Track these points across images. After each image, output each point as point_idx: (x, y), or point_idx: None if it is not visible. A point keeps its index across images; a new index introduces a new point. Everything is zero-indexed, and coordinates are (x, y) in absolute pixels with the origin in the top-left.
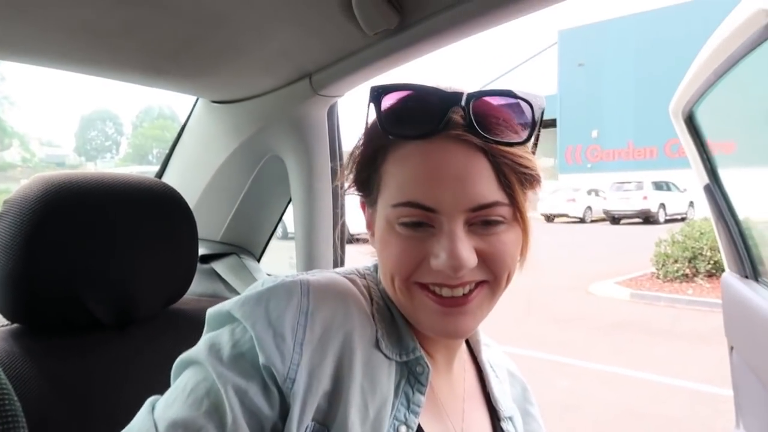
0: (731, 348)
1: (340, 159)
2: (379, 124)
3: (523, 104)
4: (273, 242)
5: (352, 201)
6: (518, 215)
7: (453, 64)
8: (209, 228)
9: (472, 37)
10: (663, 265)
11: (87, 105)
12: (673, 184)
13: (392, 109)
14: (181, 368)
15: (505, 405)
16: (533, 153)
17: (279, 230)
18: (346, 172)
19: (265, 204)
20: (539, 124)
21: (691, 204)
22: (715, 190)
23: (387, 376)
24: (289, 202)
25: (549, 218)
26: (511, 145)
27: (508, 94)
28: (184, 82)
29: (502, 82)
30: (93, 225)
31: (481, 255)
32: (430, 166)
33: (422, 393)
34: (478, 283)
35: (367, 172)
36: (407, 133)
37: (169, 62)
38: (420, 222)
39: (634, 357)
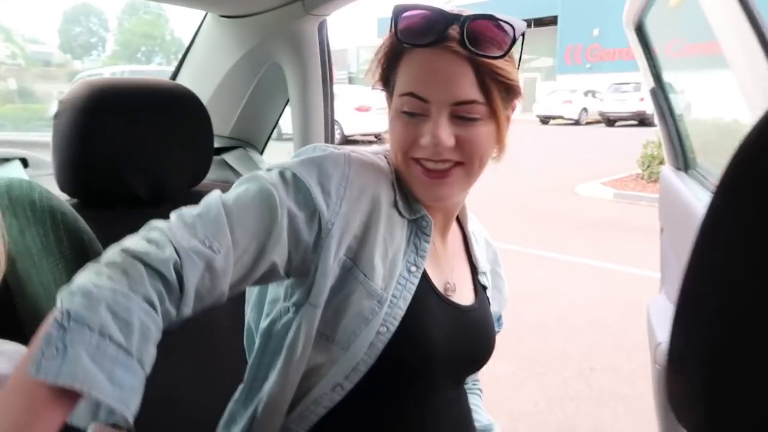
0: (661, 230)
1: (330, 67)
2: (395, 34)
3: (506, 26)
4: (271, 144)
5: (342, 104)
6: (493, 113)
7: None
8: (220, 124)
9: None
10: (648, 166)
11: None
12: (671, 85)
13: (406, 23)
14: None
15: (482, 262)
16: (517, 68)
17: (275, 133)
18: (371, 73)
19: (266, 104)
20: (516, 43)
21: (688, 106)
22: (659, 93)
23: (401, 231)
24: (286, 103)
25: (544, 120)
26: (491, 57)
27: (495, 18)
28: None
29: None
30: (130, 120)
31: (458, 141)
32: (427, 67)
33: (427, 242)
34: (456, 164)
35: (388, 72)
36: (415, 41)
37: None
38: (416, 112)
39: (609, 251)
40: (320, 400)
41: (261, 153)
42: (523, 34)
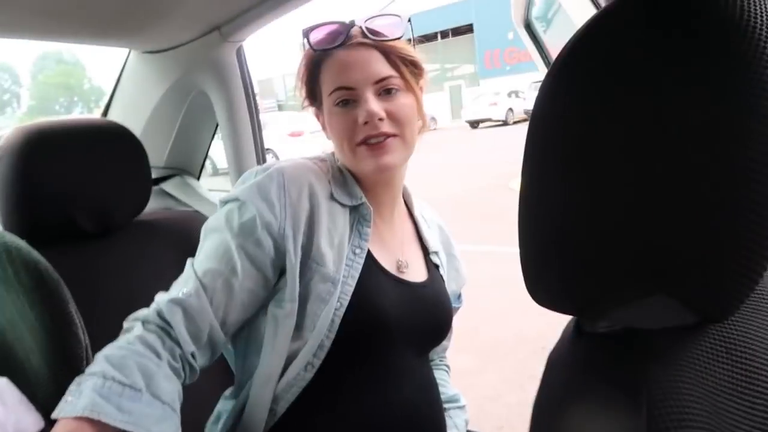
0: None
1: (252, 90)
2: (311, 48)
3: (394, 18)
4: (207, 179)
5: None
6: (407, 85)
7: None
8: (155, 155)
9: None
10: None
11: None
12: None
13: (317, 36)
14: (207, 233)
15: (432, 243)
16: (414, 48)
17: (209, 167)
18: (299, 93)
19: (197, 131)
20: (406, 29)
21: None
22: None
23: (343, 219)
24: (216, 128)
25: (474, 124)
26: (391, 40)
27: (384, 14)
28: (120, 38)
29: None
30: (69, 159)
31: (388, 114)
32: (346, 61)
33: (369, 227)
34: (390, 136)
35: (312, 85)
36: (330, 46)
37: (106, 25)
38: (347, 100)
39: None
40: (295, 381)
41: (198, 178)
42: (409, 20)
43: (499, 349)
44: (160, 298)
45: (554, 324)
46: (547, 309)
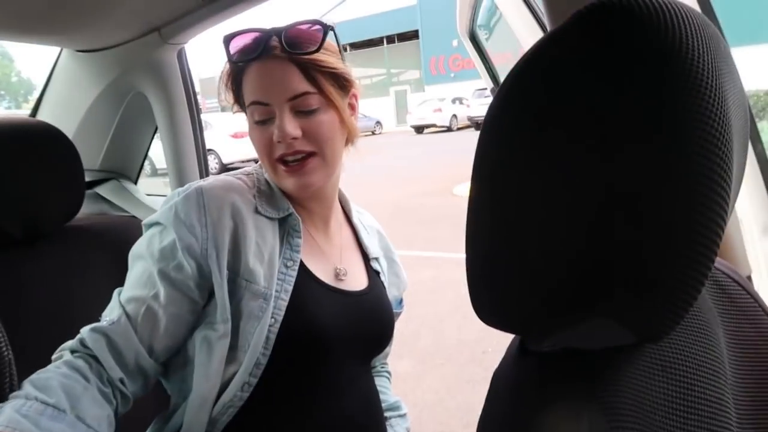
0: None
1: (194, 93)
2: (228, 58)
3: (315, 27)
4: (146, 180)
5: (217, 132)
6: (328, 100)
7: None
8: (88, 157)
9: None
10: None
11: None
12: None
13: (236, 46)
14: (133, 260)
15: (372, 249)
16: (341, 60)
17: (148, 168)
18: (224, 96)
19: (135, 134)
20: (327, 37)
21: None
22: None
23: (272, 232)
24: (155, 131)
25: (419, 130)
26: (308, 53)
27: (305, 22)
28: (50, 36)
29: None
30: None
31: (305, 132)
32: (261, 76)
33: (299, 238)
34: (309, 154)
35: (237, 92)
36: (245, 58)
37: (35, 21)
38: (265, 119)
39: None
40: (231, 402)
41: (135, 182)
42: (333, 29)
43: (438, 355)
44: (85, 329)
45: (493, 330)
46: (492, 327)
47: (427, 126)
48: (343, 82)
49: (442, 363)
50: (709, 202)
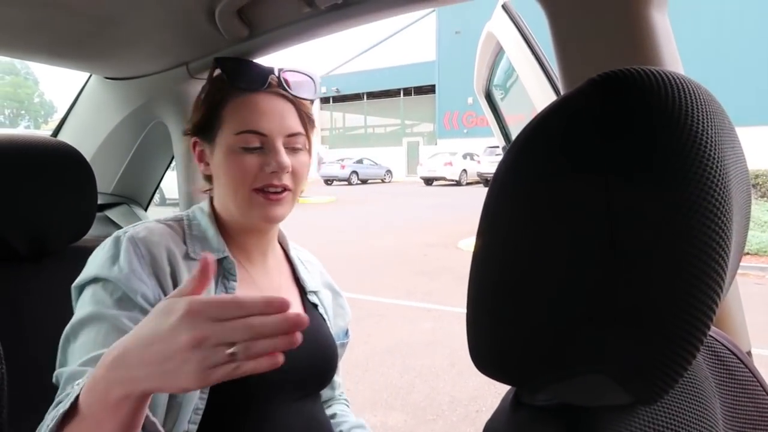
0: None
1: None
2: (229, 81)
3: (308, 77)
4: (154, 208)
5: None
6: (309, 144)
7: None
8: (102, 181)
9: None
10: None
11: None
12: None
13: (241, 72)
14: (77, 328)
15: (310, 283)
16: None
17: (157, 197)
18: (191, 118)
19: (150, 161)
20: (318, 90)
21: None
22: None
23: None
24: (171, 160)
25: (428, 181)
26: (306, 99)
27: (300, 71)
28: (82, 63)
29: (380, 48)
30: (7, 175)
31: (291, 168)
32: (262, 107)
33: (234, 280)
34: (288, 189)
35: (209, 116)
36: (250, 87)
37: (71, 49)
38: (254, 148)
39: None
40: None
41: (145, 209)
42: (319, 82)
43: (430, 411)
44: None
45: (486, 387)
46: (488, 377)
47: (437, 178)
48: (313, 127)
49: (434, 419)
50: (707, 268)
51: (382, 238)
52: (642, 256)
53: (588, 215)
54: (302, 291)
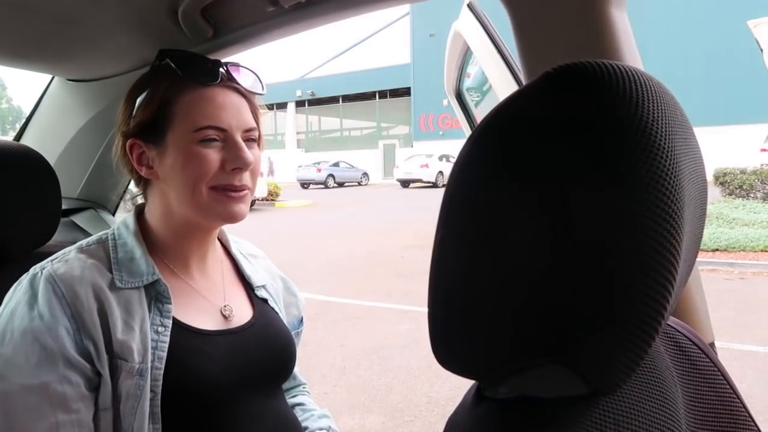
0: None
1: None
2: (185, 76)
3: (252, 73)
4: (123, 214)
5: None
6: (261, 141)
7: (304, 36)
8: (68, 186)
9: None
10: None
11: None
12: None
13: (189, 65)
14: None
15: (256, 277)
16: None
17: (130, 203)
18: (127, 121)
19: (118, 165)
20: (264, 85)
21: None
22: None
23: (138, 301)
24: None
25: (404, 184)
26: (258, 94)
27: (243, 65)
28: (44, 64)
29: (355, 51)
30: None
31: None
32: (220, 101)
33: (169, 303)
34: (247, 189)
35: (156, 117)
36: (204, 81)
37: (31, 50)
38: (214, 140)
39: None
40: None
41: (113, 213)
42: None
43: (408, 412)
44: None
45: (464, 387)
46: (451, 372)
47: (413, 181)
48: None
49: (411, 420)
50: (659, 257)
51: (359, 240)
52: (595, 246)
53: (542, 209)
54: (248, 287)
